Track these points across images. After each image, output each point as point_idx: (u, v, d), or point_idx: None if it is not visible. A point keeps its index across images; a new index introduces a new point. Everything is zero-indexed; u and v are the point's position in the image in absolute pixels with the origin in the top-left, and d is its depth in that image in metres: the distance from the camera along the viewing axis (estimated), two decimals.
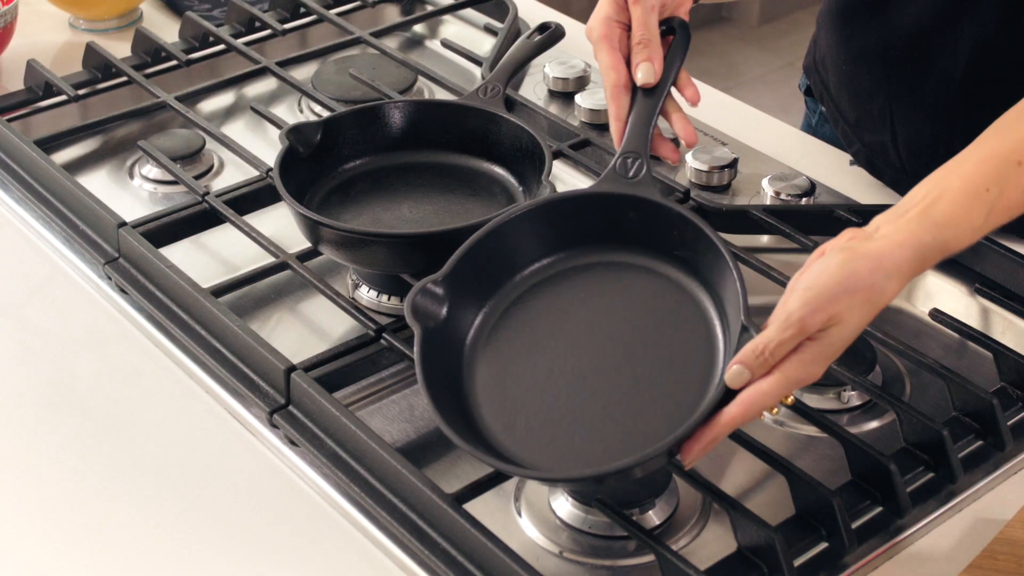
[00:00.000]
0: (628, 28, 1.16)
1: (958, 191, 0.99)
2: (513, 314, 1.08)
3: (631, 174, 1.08)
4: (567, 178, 1.44)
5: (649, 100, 1.13)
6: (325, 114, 1.44)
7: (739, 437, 1.06)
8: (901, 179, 1.41)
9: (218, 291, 1.22)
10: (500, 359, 1.05)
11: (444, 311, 1.05)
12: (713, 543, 1.04)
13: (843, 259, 0.95)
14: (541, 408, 1.02)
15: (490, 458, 0.98)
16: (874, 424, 1.15)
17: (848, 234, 0.98)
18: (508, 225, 1.09)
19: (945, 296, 1.28)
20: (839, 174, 1.43)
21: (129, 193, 1.44)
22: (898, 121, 1.37)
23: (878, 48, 1.36)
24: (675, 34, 1.16)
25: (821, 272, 0.95)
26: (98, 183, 1.45)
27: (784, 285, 1.21)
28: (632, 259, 1.07)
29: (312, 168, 1.28)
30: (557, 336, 1.06)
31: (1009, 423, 1.11)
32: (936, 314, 1.20)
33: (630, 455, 0.94)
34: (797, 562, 0.99)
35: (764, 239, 1.34)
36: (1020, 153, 1.01)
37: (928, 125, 1.35)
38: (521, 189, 1.28)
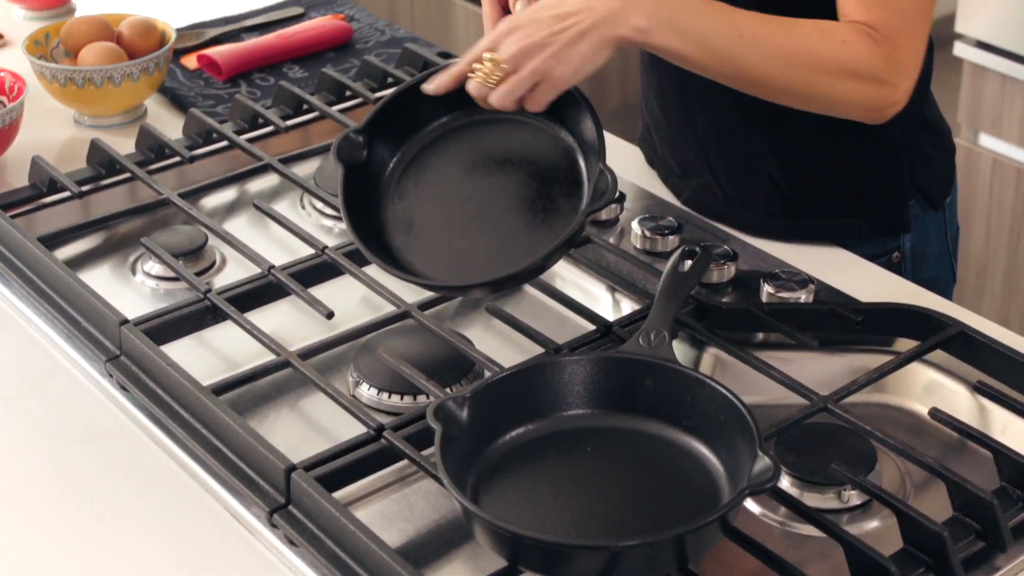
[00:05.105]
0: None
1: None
2: (527, 446, 1.12)
3: (652, 344, 1.16)
4: None
5: (676, 285, 1.23)
6: (329, 212, 1.47)
7: (738, 536, 1.05)
8: (730, 212, 1.49)
9: (219, 389, 1.22)
10: (508, 483, 1.09)
11: (464, 419, 1.09)
12: None
13: None
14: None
15: None
16: (875, 524, 1.15)
17: None
18: (539, 369, 1.15)
19: (945, 394, 1.28)
20: (831, 267, 1.43)
21: (131, 289, 1.45)
22: (710, 146, 1.48)
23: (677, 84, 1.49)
24: (696, 256, 1.27)
25: None
26: (100, 279, 1.46)
27: (783, 384, 1.22)
28: (643, 426, 1.14)
29: (369, 176, 1.29)
30: (563, 474, 1.11)
31: (1010, 524, 1.10)
32: (935, 413, 1.20)
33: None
34: None
35: (759, 335, 1.34)
36: (743, 27, 1.25)
37: (728, 126, 1.45)
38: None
